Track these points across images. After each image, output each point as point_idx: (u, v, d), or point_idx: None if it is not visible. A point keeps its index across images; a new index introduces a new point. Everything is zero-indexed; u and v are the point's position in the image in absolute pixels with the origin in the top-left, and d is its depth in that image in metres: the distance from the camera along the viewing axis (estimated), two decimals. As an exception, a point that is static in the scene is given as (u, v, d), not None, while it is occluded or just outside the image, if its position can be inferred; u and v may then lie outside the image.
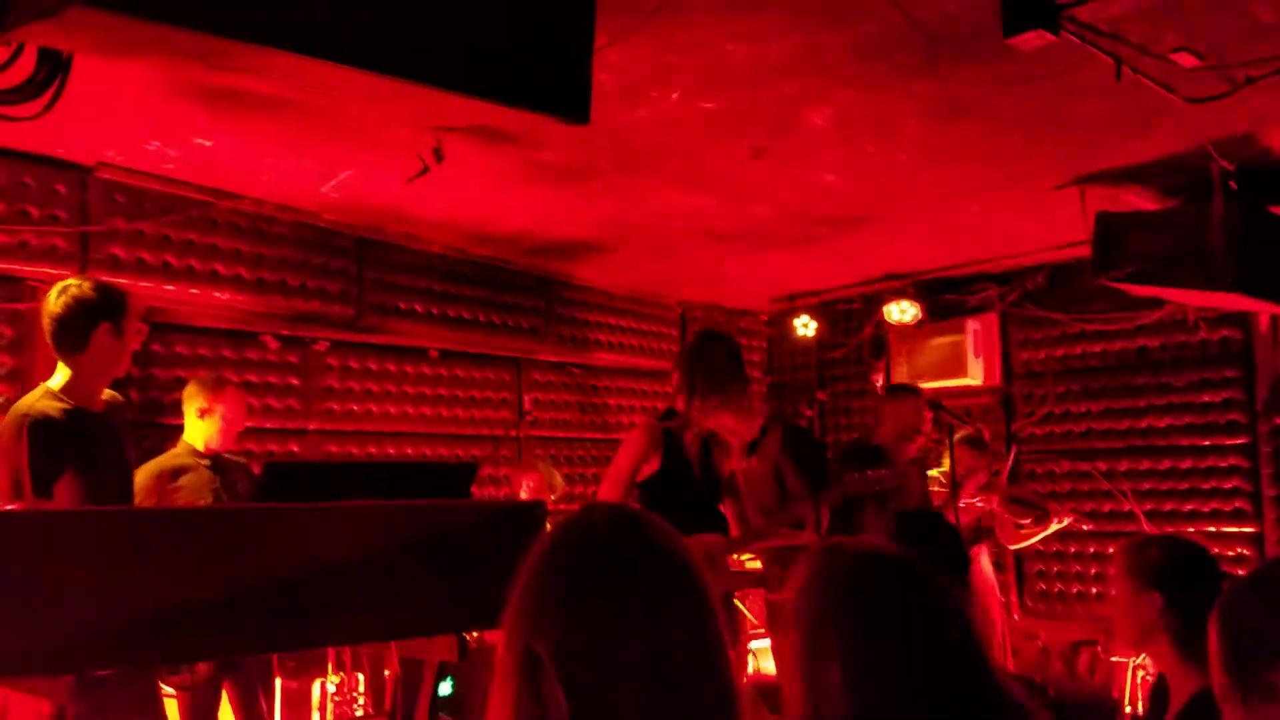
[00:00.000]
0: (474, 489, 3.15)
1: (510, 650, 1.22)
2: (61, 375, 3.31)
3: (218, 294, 5.09)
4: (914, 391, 5.60)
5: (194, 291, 5.00)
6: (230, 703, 4.21)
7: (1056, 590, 6.80)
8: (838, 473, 5.04)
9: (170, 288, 4.91)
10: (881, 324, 7.34)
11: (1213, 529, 6.04)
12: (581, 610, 1.20)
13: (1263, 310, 5.68)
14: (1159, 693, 2.57)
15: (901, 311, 7.08)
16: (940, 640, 1.48)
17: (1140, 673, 5.28)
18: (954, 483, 5.53)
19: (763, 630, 5.70)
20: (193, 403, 4.32)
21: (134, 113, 4.07)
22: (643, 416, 6.60)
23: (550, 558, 1.27)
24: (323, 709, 4.74)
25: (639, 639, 1.20)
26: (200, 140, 4.38)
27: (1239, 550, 5.97)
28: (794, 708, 1.48)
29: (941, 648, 1.47)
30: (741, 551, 5.36)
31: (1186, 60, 3.58)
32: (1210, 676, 1.68)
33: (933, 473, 6.15)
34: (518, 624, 1.23)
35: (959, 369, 7.01)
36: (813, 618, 1.51)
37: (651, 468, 4.00)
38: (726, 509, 4.31)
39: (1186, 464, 6.27)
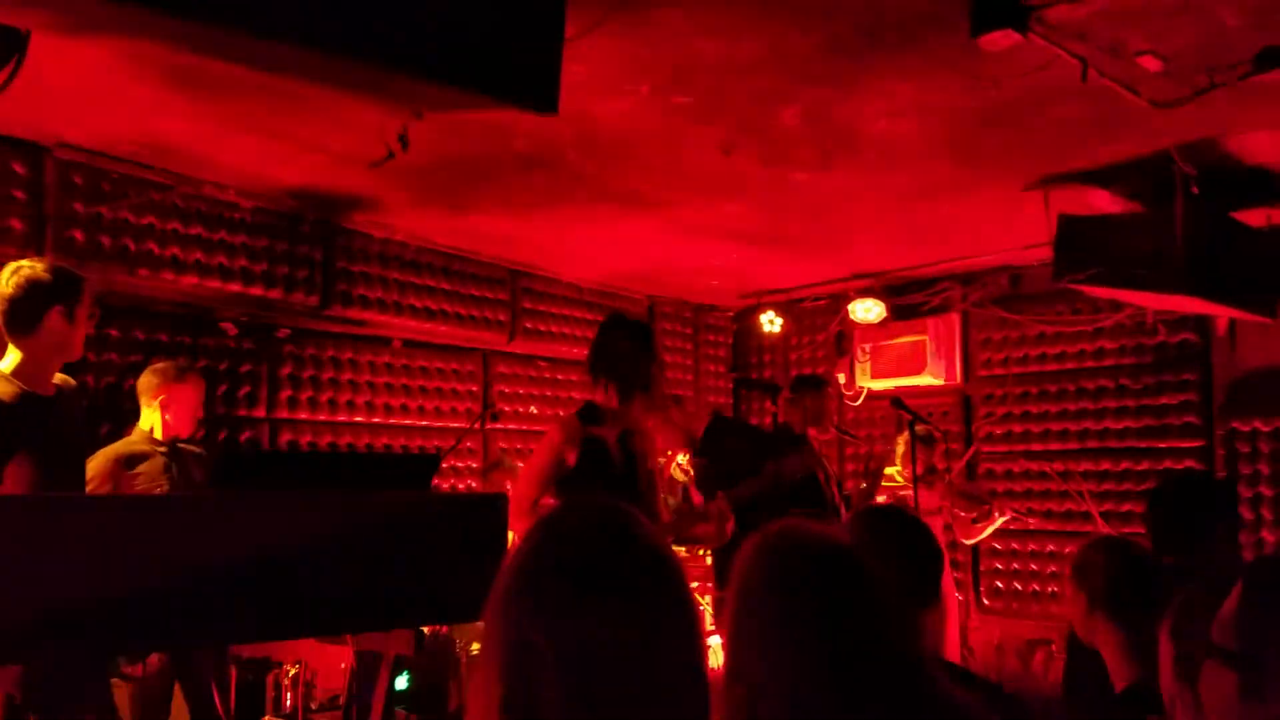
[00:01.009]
0: (435, 481, 3.12)
1: (498, 642, 1.21)
2: (12, 357, 3.24)
3: (177, 279, 5.01)
4: (816, 384, 5.59)
5: (153, 276, 4.92)
6: (182, 695, 4.15)
7: (1013, 588, 6.87)
8: (769, 457, 5.05)
9: (128, 272, 4.83)
10: (846, 322, 7.39)
11: (1167, 530, 6.11)
12: (573, 607, 1.19)
13: (1221, 314, 5.75)
14: (1073, 670, 2.66)
15: (866, 310, 7.14)
16: (872, 633, 1.45)
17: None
18: (915, 478, 5.57)
19: (714, 627, 5.70)
20: (149, 391, 4.26)
21: (94, 93, 3.99)
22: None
23: (540, 553, 1.26)
24: (277, 702, 4.69)
25: (630, 635, 1.19)
26: (162, 123, 4.31)
27: (1192, 551, 6.05)
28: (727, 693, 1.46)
29: (873, 641, 1.45)
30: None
31: (1152, 64, 3.61)
32: (1146, 670, 1.70)
33: (888, 470, 6.20)
34: (507, 617, 1.22)
35: (920, 368, 7.08)
36: (750, 597, 1.49)
37: (569, 464, 3.84)
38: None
39: (1143, 465, 6.35)
